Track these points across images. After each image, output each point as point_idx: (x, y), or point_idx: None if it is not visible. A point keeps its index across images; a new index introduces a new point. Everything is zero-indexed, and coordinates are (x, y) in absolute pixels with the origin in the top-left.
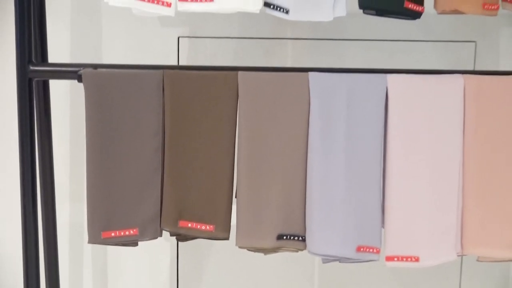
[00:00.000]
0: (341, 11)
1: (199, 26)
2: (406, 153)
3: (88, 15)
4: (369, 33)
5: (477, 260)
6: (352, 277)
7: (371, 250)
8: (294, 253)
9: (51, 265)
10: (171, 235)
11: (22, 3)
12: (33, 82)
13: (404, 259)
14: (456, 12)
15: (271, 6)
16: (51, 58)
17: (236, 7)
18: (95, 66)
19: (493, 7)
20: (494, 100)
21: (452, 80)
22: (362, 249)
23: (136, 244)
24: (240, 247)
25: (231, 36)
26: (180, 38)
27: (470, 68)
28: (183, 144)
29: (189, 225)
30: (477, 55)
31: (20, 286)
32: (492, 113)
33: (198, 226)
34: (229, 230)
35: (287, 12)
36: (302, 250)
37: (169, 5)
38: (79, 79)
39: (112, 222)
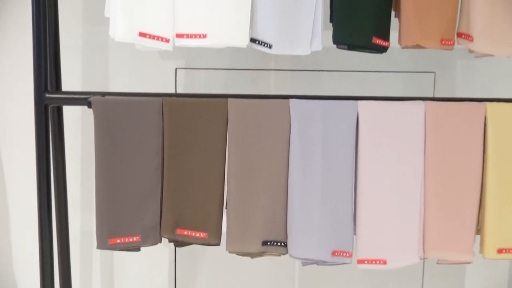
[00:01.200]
0: (317, 46)
1: (194, 59)
2: (375, 169)
3: (97, 49)
4: (342, 65)
5: (437, 263)
6: (328, 278)
7: (344, 254)
8: (277, 257)
9: (64, 268)
10: (170, 241)
11: (39, 38)
12: (49, 108)
13: (373, 262)
14: (417, 46)
15: (256, 42)
16: (65, 87)
17: (226, 43)
18: (103, 94)
19: (449, 42)
20: (450, 123)
21: (414, 105)
22: (336, 253)
23: (138, 250)
24: (230, 252)
25: (222, 67)
26: (177, 69)
27: (430, 95)
28: (180, 162)
29: (185, 232)
30: (436, 84)
31: (37, 286)
32: (449, 134)
33: (193, 234)
34: (220, 237)
35: (270, 46)
36: (284, 254)
37: (167, 41)
38: (89, 105)
39: (117, 230)
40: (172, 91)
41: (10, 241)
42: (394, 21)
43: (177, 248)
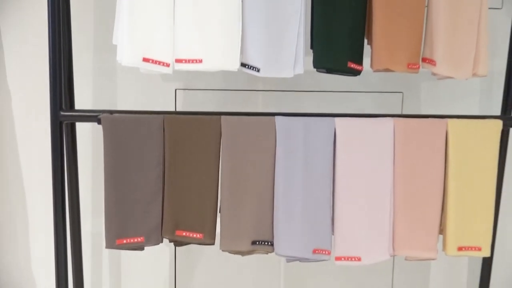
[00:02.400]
0: (299, 70)
1: (191, 81)
2: (350, 177)
3: (106, 72)
4: (321, 86)
5: (405, 259)
6: (309, 273)
7: (323, 252)
8: (265, 255)
9: (76, 265)
10: (170, 241)
11: (55, 63)
12: (63, 124)
13: (349, 259)
14: (387, 70)
15: (246, 66)
16: (77, 106)
17: (219, 67)
18: (111, 112)
19: (415, 66)
20: (416, 137)
21: (384, 121)
22: (317, 251)
23: (142, 249)
24: (223, 251)
25: (216, 88)
26: (177, 90)
27: (398, 112)
28: (179, 172)
29: (184, 233)
30: (403, 102)
31: (52, 281)
32: (414, 147)
33: (191, 235)
34: (215, 237)
35: (258, 70)
36: (271, 252)
37: (168, 65)
38: (99, 122)
39: (124, 232)
40: (172, 109)
41: (28, 241)
42: (366, 48)
43: (176, 247)
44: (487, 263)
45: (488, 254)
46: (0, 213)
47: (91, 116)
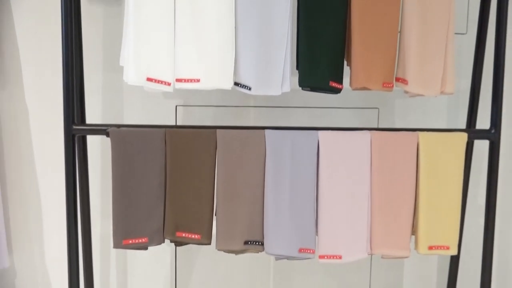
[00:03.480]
0: (286, 88)
1: (190, 98)
2: (332, 184)
3: (113, 90)
4: (306, 102)
5: (382, 257)
6: (296, 269)
7: (308, 251)
8: (256, 253)
9: (87, 263)
10: (171, 242)
11: (68, 81)
12: (75, 137)
13: (331, 257)
14: (364, 88)
15: (239, 85)
16: (88, 120)
17: (215, 86)
18: (118, 126)
19: (389, 85)
20: (391, 148)
21: (362, 134)
22: (302, 250)
23: (146, 248)
24: (218, 250)
25: (212, 105)
26: (177, 106)
27: (375, 126)
28: (179, 179)
29: (183, 235)
30: (379, 117)
31: (65, 278)
32: (389, 157)
33: (190, 235)
34: (211, 238)
35: (249, 88)
36: (261, 251)
37: (169, 84)
38: (107, 135)
39: (129, 233)
40: (173, 123)
41: (43, 242)
42: (346, 69)
43: (177, 247)
44: (454, 261)
45: (455, 253)
46: (17, 217)
47: (101, 130)
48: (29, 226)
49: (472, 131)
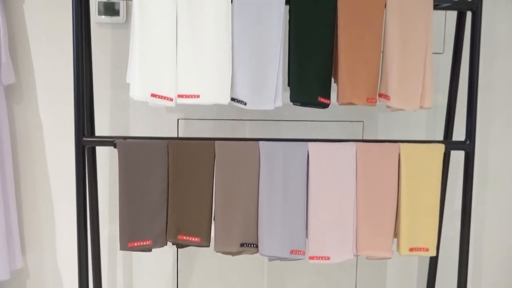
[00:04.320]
0: (279, 103)
1: (191, 112)
2: (320, 191)
3: (120, 105)
4: (297, 116)
5: (366, 259)
6: (288, 269)
7: (299, 252)
8: (251, 255)
9: (96, 264)
10: (173, 244)
11: (79, 97)
12: (85, 148)
13: (320, 258)
14: (350, 103)
15: (235, 100)
16: (97, 132)
17: (214, 101)
18: (125, 138)
19: (373, 101)
20: (374, 158)
21: (348, 145)
22: (293, 252)
23: (150, 250)
24: (217, 251)
25: (211, 118)
26: (179, 120)
27: (360, 138)
28: (180, 186)
29: (184, 237)
30: (364, 129)
31: (75, 277)
32: (373, 166)
33: (190, 238)
34: (210, 240)
35: (245, 104)
36: (256, 253)
37: (171, 99)
38: (115, 146)
39: (135, 236)
40: (175, 135)
41: (54, 244)
42: (333, 85)
43: (178, 249)
44: (433, 261)
45: (434, 254)
46: (30, 220)
47: (109, 141)
48: (41, 230)
49: (448, 143)
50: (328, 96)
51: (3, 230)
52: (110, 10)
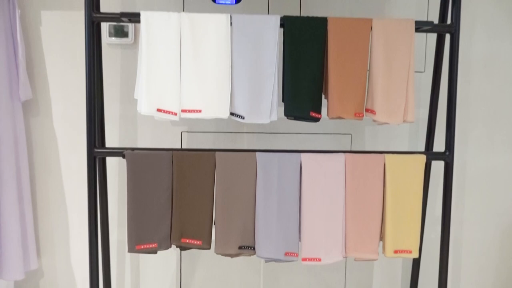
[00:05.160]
0: (274, 117)
1: (193, 125)
2: (312, 198)
3: (129, 119)
4: (290, 129)
5: (354, 260)
6: (282, 270)
7: (293, 254)
8: (249, 257)
9: (106, 265)
10: (177, 247)
11: (91, 111)
12: (97, 158)
13: (312, 259)
14: (339, 117)
15: (234, 115)
16: (107, 144)
17: (214, 115)
18: (133, 149)
19: (360, 115)
20: (362, 168)
21: (338, 156)
22: (287, 254)
23: (156, 253)
24: (217, 253)
25: (212, 131)
26: (182, 132)
27: (348, 149)
28: (184, 194)
29: (187, 241)
30: (352, 141)
31: (87, 277)
32: (361, 175)
33: (192, 241)
34: (210, 243)
35: (243, 118)
36: (253, 255)
37: (175, 114)
38: (123, 156)
39: (142, 240)
40: (179, 147)
41: (68, 247)
42: (324, 101)
43: (181, 251)
44: (416, 262)
45: (417, 256)
46: (45, 225)
47: (118, 152)
48: (55, 233)
49: (429, 154)
50: (319, 111)
51: (19, 233)
52: (119, 32)
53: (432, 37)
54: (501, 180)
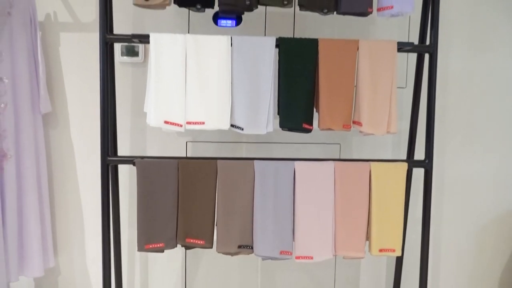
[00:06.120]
0: (270, 128)
1: (197, 136)
2: (305, 202)
3: (139, 130)
4: (285, 139)
5: (343, 258)
6: (278, 267)
7: (287, 253)
8: (247, 255)
9: (117, 263)
10: (182, 246)
11: (104, 123)
12: (109, 166)
13: (305, 257)
14: (329, 129)
15: (234, 126)
16: (119, 153)
17: (216, 127)
18: (142, 157)
19: (348, 127)
20: (349, 174)
21: (328, 164)
22: (282, 252)
23: (163, 251)
24: (218, 252)
25: (214, 141)
26: (187, 142)
27: (337, 157)
28: (188, 198)
29: (191, 240)
30: (341, 150)
31: (99, 274)
32: (348, 181)
33: (196, 241)
34: (212, 243)
35: (242, 129)
36: (251, 253)
37: (181, 126)
38: (134, 164)
39: (150, 240)
40: (184, 155)
41: (83, 246)
42: (315, 114)
43: (186, 250)
44: (399, 260)
45: (399, 254)
46: (62, 226)
47: (129, 160)
48: (71, 234)
49: (411, 161)
50: (311, 123)
51: (39, 234)
52: (130, 52)
53: (413, 56)
54: (476, 185)
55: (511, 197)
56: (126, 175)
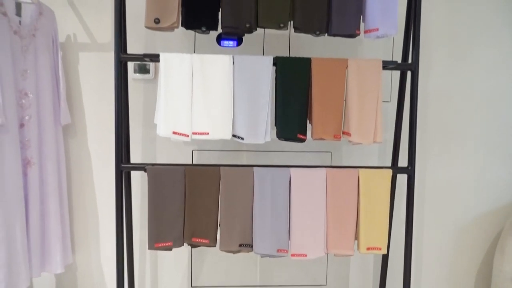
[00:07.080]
0: (268, 138)
1: (202, 145)
2: (299, 205)
3: (149, 140)
4: (282, 148)
5: (334, 256)
6: (276, 264)
7: (284, 251)
8: (247, 253)
9: (130, 260)
10: (188, 245)
11: (119, 133)
12: (123, 172)
13: (299, 255)
14: (321, 139)
15: (235, 136)
16: (132, 160)
17: (219, 137)
18: (153, 164)
19: (338, 136)
20: (340, 180)
21: (320, 171)
22: (279, 250)
23: (171, 250)
24: (221, 250)
25: (217, 149)
26: (193, 151)
27: (329, 164)
28: (194, 201)
29: (197, 240)
30: (332, 158)
31: (114, 270)
32: (339, 186)
33: (201, 240)
34: (216, 242)
35: (243, 139)
36: (251, 251)
37: (187, 136)
38: (145, 171)
39: (159, 239)
40: (190, 163)
41: (98, 245)
42: (309, 125)
43: (192, 248)
44: (385, 257)
45: (385, 252)
46: (80, 226)
47: (140, 167)
48: (88, 234)
49: (395, 168)
50: (304, 133)
51: (60, 233)
52: (142, 69)
53: (397, 73)
54: (455, 190)
55: (487, 200)
56: (138, 181)
